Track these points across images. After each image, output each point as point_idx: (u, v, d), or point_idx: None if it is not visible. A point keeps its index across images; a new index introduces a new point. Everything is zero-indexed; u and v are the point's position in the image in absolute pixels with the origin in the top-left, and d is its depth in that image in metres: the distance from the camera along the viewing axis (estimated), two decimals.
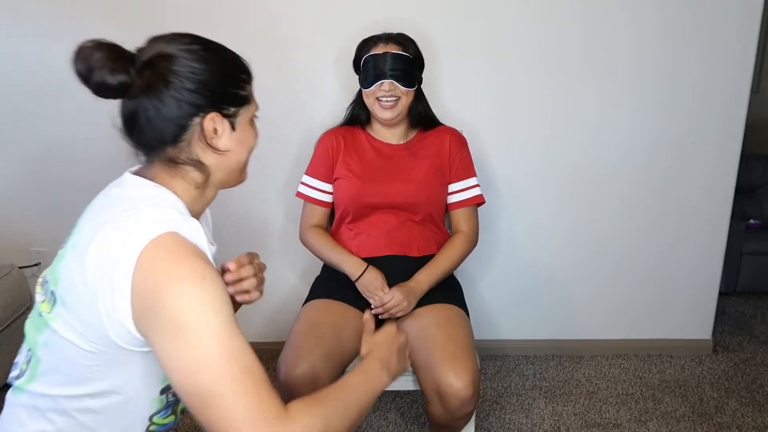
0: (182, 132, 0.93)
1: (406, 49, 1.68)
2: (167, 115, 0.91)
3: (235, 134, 0.97)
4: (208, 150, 0.96)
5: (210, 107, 0.93)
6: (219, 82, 0.94)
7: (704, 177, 2.31)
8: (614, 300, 2.46)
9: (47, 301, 0.94)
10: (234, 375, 0.83)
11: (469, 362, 1.48)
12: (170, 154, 0.95)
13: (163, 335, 0.83)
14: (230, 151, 0.98)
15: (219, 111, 0.94)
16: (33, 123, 2.24)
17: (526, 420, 2.10)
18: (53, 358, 0.93)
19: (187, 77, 0.91)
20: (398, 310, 1.62)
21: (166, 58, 0.91)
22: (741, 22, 2.13)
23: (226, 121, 0.96)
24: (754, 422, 2.08)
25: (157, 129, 0.92)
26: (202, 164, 0.96)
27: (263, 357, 2.69)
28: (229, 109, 0.96)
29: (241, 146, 1.00)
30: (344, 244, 1.76)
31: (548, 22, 2.14)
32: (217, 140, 0.95)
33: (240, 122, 0.98)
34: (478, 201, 1.80)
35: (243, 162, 1.02)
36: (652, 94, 2.22)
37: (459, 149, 1.79)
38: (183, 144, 0.94)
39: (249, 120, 1.01)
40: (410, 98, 1.71)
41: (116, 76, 0.86)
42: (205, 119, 0.93)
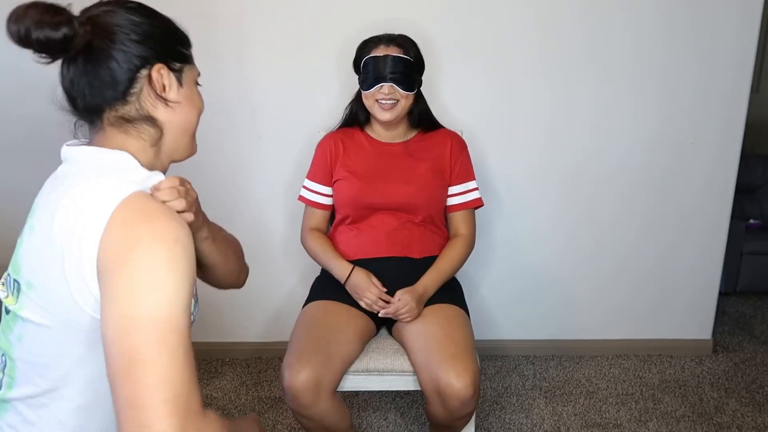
0: (131, 85, 0.91)
1: (407, 52, 1.67)
2: (114, 69, 0.89)
3: (183, 90, 0.97)
4: (158, 103, 0.94)
5: (156, 59, 0.92)
6: (163, 36, 0.94)
7: (704, 177, 2.31)
8: (614, 300, 2.46)
9: (11, 294, 0.92)
10: (171, 346, 0.78)
11: (469, 362, 1.48)
12: (120, 112, 0.92)
13: (113, 285, 0.79)
14: (180, 104, 0.96)
15: (165, 63, 0.93)
16: (33, 124, 2.24)
17: (526, 420, 2.10)
18: (29, 352, 0.90)
19: (132, 29, 0.90)
20: (409, 316, 1.62)
21: (107, 14, 0.90)
22: (741, 22, 2.13)
23: (173, 75, 0.95)
24: (754, 422, 2.08)
25: (105, 85, 0.90)
26: (154, 119, 0.94)
27: (265, 357, 2.72)
28: (174, 64, 0.96)
29: (190, 104, 0.99)
30: (344, 245, 1.76)
31: (548, 23, 2.14)
32: (167, 93, 0.94)
33: (186, 79, 0.98)
34: (477, 204, 1.81)
35: (193, 124, 1.01)
36: (652, 94, 2.22)
37: (460, 153, 1.79)
38: (132, 98, 0.92)
39: (194, 81, 1.01)
40: (410, 101, 1.71)
41: (59, 30, 0.82)
42: (152, 70, 0.92)
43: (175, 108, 0.96)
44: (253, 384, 2.31)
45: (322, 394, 1.47)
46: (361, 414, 2.13)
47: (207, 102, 1.06)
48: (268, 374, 2.37)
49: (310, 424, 1.53)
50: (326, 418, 1.51)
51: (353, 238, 1.75)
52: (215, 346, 2.47)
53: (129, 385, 0.76)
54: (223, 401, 2.20)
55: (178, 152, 1.01)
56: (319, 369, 1.47)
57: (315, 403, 1.47)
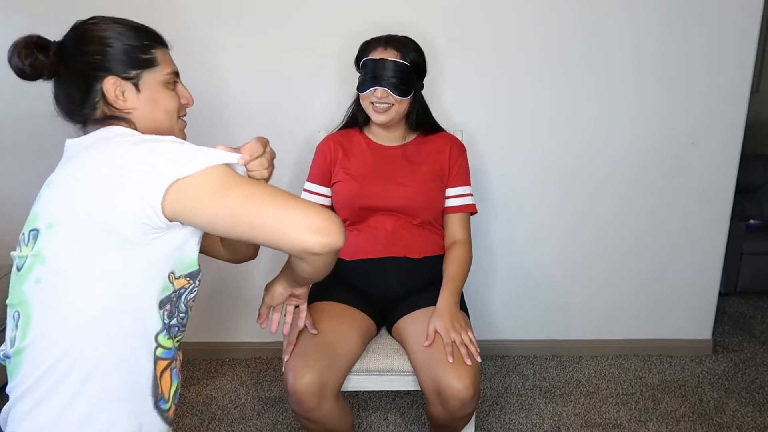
0: (91, 96, 1.06)
1: (404, 56, 1.66)
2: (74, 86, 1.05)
3: (142, 95, 1.08)
4: (115, 110, 1.07)
5: (107, 72, 1.05)
6: (113, 50, 1.05)
7: (704, 177, 2.31)
8: (614, 300, 2.46)
9: (28, 243, 1.00)
10: (279, 194, 1.00)
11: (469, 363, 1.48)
12: (96, 115, 1.07)
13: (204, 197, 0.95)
14: (137, 109, 1.07)
15: (118, 75, 1.05)
16: (33, 123, 2.24)
17: (526, 420, 2.10)
18: (48, 289, 0.96)
19: (81, 50, 1.04)
20: (466, 338, 1.54)
21: (67, 38, 1.06)
22: (741, 22, 2.13)
23: (129, 83, 1.06)
24: (754, 422, 2.08)
25: (73, 99, 1.06)
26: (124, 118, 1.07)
27: (265, 357, 2.72)
28: (129, 72, 1.06)
29: (152, 107, 1.09)
30: (344, 246, 1.75)
31: (549, 23, 2.14)
32: (122, 102, 1.06)
33: (146, 84, 1.08)
34: (472, 210, 1.79)
35: (163, 123, 1.11)
36: (652, 95, 2.22)
37: (459, 156, 1.79)
38: (98, 106, 1.06)
39: (160, 83, 1.10)
40: (404, 105, 1.70)
41: (26, 60, 1.02)
42: (103, 83, 1.05)
43: (134, 113, 1.08)
44: (253, 384, 2.31)
45: (326, 396, 1.47)
46: (361, 414, 2.13)
47: (206, 102, 1.07)
48: (268, 374, 2.37)
49: (313, 427, 1.53)
50: (330, 420, 1.51)
51: (353, 238, 1.75)
52: (215, 346, 2.47)
53: (268, 222, 0.96)
54: (223, 401, 2.20)
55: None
56: (323, 372, 1.47)
57: (319, 405, 1.47)
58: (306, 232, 0.96)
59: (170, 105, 1.11)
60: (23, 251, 1.00)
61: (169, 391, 1.07)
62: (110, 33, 1.05)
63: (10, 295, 1.01)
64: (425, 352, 1.52)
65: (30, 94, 1.63)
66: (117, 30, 1.06)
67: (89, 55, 1.04)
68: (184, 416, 2.10)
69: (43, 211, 0.98)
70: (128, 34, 1.07)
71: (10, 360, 1.00)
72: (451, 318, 1.57)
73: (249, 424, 2.08)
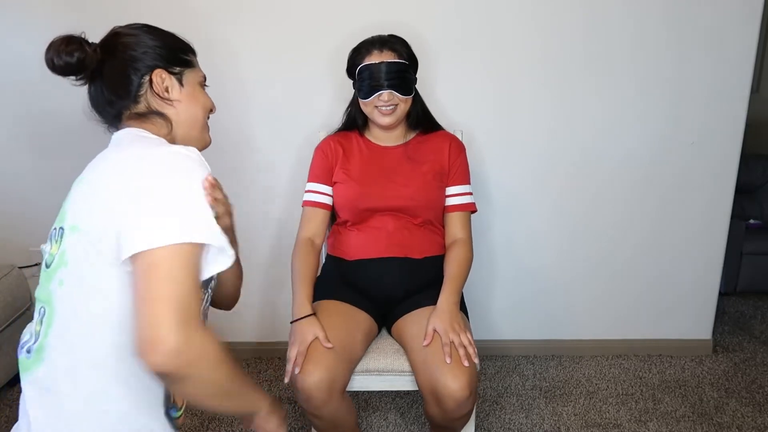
0: (138, 89, 1.10)
1: (401, 55, 1.66)
2: (122, 78, 1.09)
3: (185, 90, 1.14)
4: (163, 102, 1.12)
5: (156, 66, 1.11)
6: (161, 47, 1.12)
7: (704, 177, 2.31)
8: (614, 300, 2.46)
9: (55, 242, 1.02)
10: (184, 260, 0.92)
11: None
12: (134, 110, 1.11)
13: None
14: (181, 102, 1.13)
15: (164, 68, 1.12)
16: (34, 123, 2.24)
17: (526, 420, 2.10)
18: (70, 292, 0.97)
19: (134, 45, 1.10)
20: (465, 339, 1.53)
21: (113, 36, 1.11)
22: (741, 22, 2.13)
23: (174, 78, 1.13)
24: (754, 422, 2.08)
25: (118, 92, 1.09)
26: (164, 114, 1.12)
27: (265, 357, 2.71)
28: (174, 68, 1.13)
29: (193, 102, 1.16)
30: (345, 245, 1.76)
31: (549, 24, 2.14)
32: (167, 94, 1.12)
33: (187, 80, 1.15)
34: (472, 208, 1.79)
35: (199, 119, 1.17)
36: (652, 95, 2.22)
37: (458, 154, 1.79)
38: (141, 99, 1.10)
39: (197, 83, 1.17)
40: (408, 103, 1.70)
41: (73, 55, 1.04)
42: (153, 75, 1.10)
43: (178, 105, 1.13)
44: None
45: (334, 393, 1.48)
46: (361, 414, 2.13)
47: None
48: (268, 374, 2.37)
49: (321, 423, 1.55)
50: (337, 416, 1.52)
51: (353, 238, 1.75)
52: None
53: (145, 296, 0.89)
54: None
55: (191, 144, 1.14)
56: (332, 369, 1.47)
57: (327, 403, 1.47)
58: (139, 337, 0.87)
59: (207, 103, 1.19)
60: (52, 248, 1.02)
61: (181, 399, 1.08)
62: (155, 35, 1.13)
63: (39, 289, 1.03)
64: (423, 353, 1.52)
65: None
66: (159, 33, 1.14)
67: (137, 51, 1.10)
68: (184, 416, 2.10)
69: (69, 210, 1.01)
70: (170, 37, 1.16)
71: (30, 355, 1.00)
72: (451, 318, 1.56)
73: None
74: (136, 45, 1.10)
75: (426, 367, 1.50)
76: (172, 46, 1.15)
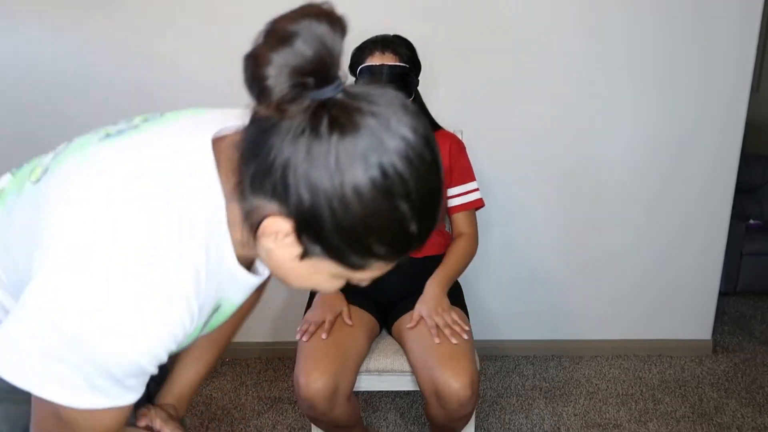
0: (257, 194, 0.65)
1: (402, 58, 1.65)
2: (265, 166, 0.63)
3: (300, 264, 0.68)
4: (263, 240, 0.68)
5: (293, 218, 0.63)
6: (342, 226, 0.62)
7: (704, 177, 2.31)
8: (614, 300, 2.46)
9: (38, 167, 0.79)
10: None
11: (467, 363, 1.48)
12: (244, 187, 0.66)
13: None
14: (281, 264, 0.70)
15: (297, 230, 0.64)
16: (35, 122, 2.24)
17: (526, 420, 2.10)
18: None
19: (316, 174, 0.60)
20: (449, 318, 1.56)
21: (344, 116, 0.61)
22: (741, 22, 2.13)
23: (298, 246, 0.66)
24: (754, 422, 2.08)
25: (261, 161, 0.63)
26: (253, 234, 0.68)
27: (265, 357, 2.71)
28: (312, 244, 0.65)
29: (301, 277, 0.72)
30: None
31: (547, 22, 2.14)
32: (271, 242, 0.67)
33: (317, 264, 0.68)
34: (478, 204, 1.80)
35: (293, 284, 0.75)
36: (652, 94, 2.22)
37: (459, 154, 1.79)
38: (252, 200, 0.66)
39: (333, 274, 0.70)
40: None
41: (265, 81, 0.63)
42: (273, 217, 0.64)
43: (273, 262, 0.71)
44: (253, 384, 2.30)
45: (339, 399, 1.47)
46: (361, 414, 2.13)
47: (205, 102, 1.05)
48: (268, 374, 2.37)
49: (324, 426, 1.55)
50: (342, 419, 1.51)
51: None
52: None
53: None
54: (223, 401, 2.20)
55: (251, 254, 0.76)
56: (335, 375, 1.46)
57: (332, 409, 1.46)
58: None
59: (320, 286, 0.76)
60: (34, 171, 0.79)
61: None
62: (378, 205, 0.62)
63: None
64: (423, 353, 1.52)
65: None
66: (391, 202, 0.62)
67: (312, 189, 0.62)
68: (184, 416, 2.10)
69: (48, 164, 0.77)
70: (387, 219, 0.64)
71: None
72: (435, 303, 1.58)
73: (249, 424, 2.08)
74: (318, 180, 0.60)
75: (427, 367, 1.49)
76: (360, 237, 0.63)
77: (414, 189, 0.62)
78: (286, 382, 2.30)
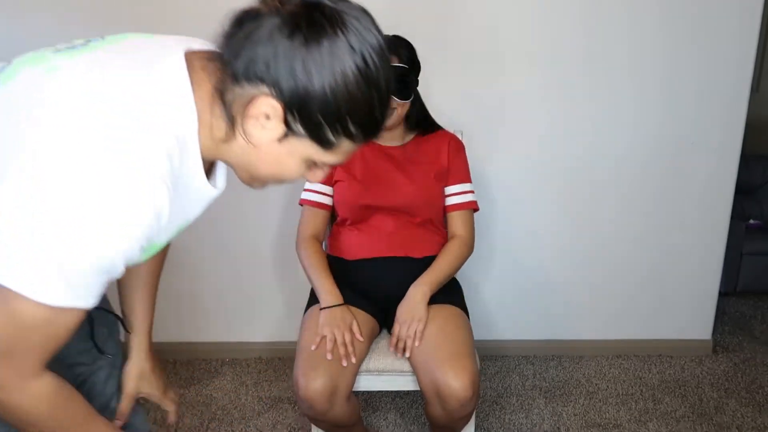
0: (248, 81, 0.74)
1: (402, 59, 1.64)
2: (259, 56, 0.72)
3: (278, 146, 0.78)
4: (245, 121, 0.77)
5: (284, 100, 0.74)
6: (325, 101, 0.74)
7: (704, 177, 2.31)
8: (614, 300, 2.46)
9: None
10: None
11: (468, 363, 1.48)
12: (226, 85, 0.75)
13: None
14: (257, 148, 0.79)
15: (286, 109, 0.74)
16: None
17: (526, 420, 2.10)
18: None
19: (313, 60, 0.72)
20: (413, 330, 1.57)
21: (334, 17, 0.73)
22: (741, 22, 2.13)
23: (283, 126, 0.76)
24: (754, 422, 2.08)
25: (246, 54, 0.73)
26: (233, 126, 0.78)
27: (265, 357, 2.71)
28: (296, 123, 0.75)
29: (273, 161, 0.81)
30: (345, 245, 1.76)
31: (547, 21, 2.14)
32: (255, 125, 0.76)
33: (293, 144, 0.78)
34: (473, 206, 1.80)
35: (258, 176, 0.85)
36: (652, 94, 2.21)
37: (457, 153, 1.79)
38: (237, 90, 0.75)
39: (304, 156, 0.80)
40: (406, 107, 1.69)
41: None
42: (264, 98, 0.74)
43: (251, 147, 0.79)
44: (253, 384, 2.31)
45: (338, 399, 1.47)
46: (361, 414, 2.13)
47: None
48: (268, 374, 2.37)
49: (325, 427, 1.55)
50: (341, 419, 1.52)
51: (354, 237, 1.75)
52: (215, 345, 2.47)
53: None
54: (223, 401, 2.20)
55: (232, 167, 0.87)
56: (334, 375, 1.47)
57: (331, 409, 1.47)
58: None
59: (287, 175, 0.85)
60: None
61: None
62: (363, 86, 0.77)
63: None
64: (424, 353, 1.52)
65: None
66: (372, 86, 0.78)
67: (301, 74, 0.75)
68: (184, 416, 2.10)
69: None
70: (361, 106, 0.79)
71: None
72: (412, 311, 1.59)
73: (249, 424, 2.08)
74: (314, 64, 0.72)
75: (427, 367, 1.50)
76: (341, 118, 0.75)
77: (382, 80, 0.76)
78: (286, 382, 2.30)
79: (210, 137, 0.79)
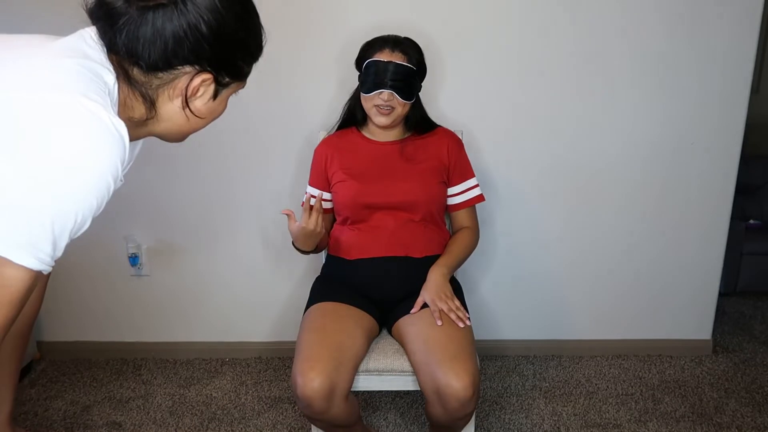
0: (165, 68, 0.82)
1: (410, 60, 1.67)
2: (163, 42, 0.79)
3: (212, 104, 0.90)
4: (175, 103, 0.87)
5: (209, 66, 0.84)
6: (234, 47, 0.86)
7: (704, 177, 2.31)
8: (614, 300, 2.46)
9: None
10: None
11: (469, 363, 1.48)
12: (134, 74, 0.82)
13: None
14: (201, 119, 0.91)
15: (216, 75, 0.86)
16: None
17: (526, 420, 2.10)
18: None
19: (207, 21, 0.80)
20: (453, 305, 1.61)
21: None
22: (741, 22, 2.13)
23: (212, 88, 0.87)
24: (754, 422, 2.08)
25: (143, 46, 0.79)
26: (154, 108, 0.86)
27: (265, 357, 2.71)
28: (224, 78, 0.88)
29: (207, 114, 0.92)
30: (346, 245, 1.76)
31: (547, 22, 2.14)
32: (194, 101, 0.87)
33: (223, 95, 0.91)
34: (478, 201, 1.83)
35: (195, 130, 0.94)
36: (652, 94, 2.22)
37: (458, 151, 1.80)
38: (154, 79, 0.83)
39: (230, 94, 0.94)
40: (407, 108, 1.71)
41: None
42: (197, 76, 0.84)
43: (190, 117, 0.89)
44: (253, 384, 2.31)
45: (336, 399, 1.47)
46: (361, 414, 2.13)
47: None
48: (268, 374, 2.37)
49: (323, 426, 1.55)
50: (340, 419, 1.52)
51: (354, 237, 1.75)
52: (215, 346, 2.47)
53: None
54: (223, 401, 2.20)
55: (162, 139, 0.95)
56: (332, 375, 1.47)
57: (329, 408, 1.47)
58: None
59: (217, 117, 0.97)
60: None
61: None
62: (245, 23, 0.91)
63: None
64: (425, 353, 1.52)
65: None
66: (250, 22, 0.92)
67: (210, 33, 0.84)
68: (184, 416, 2.10)
69: None
70: (255, 35, 0.95)
71: None
72: (437, 289, 1.63)
73: (249, 424, 2.08)
74: (213, 22, 0.80)
75: (428, 367, 1.50)
76: (246, 50, 0.89)
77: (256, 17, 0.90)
78: (286, 382, 2.30)
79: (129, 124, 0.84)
